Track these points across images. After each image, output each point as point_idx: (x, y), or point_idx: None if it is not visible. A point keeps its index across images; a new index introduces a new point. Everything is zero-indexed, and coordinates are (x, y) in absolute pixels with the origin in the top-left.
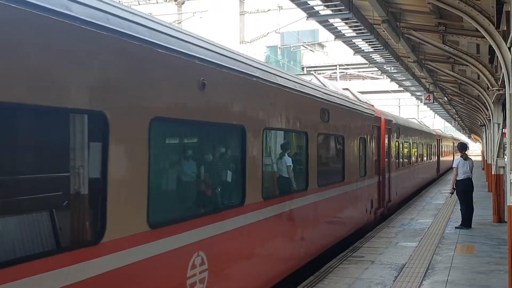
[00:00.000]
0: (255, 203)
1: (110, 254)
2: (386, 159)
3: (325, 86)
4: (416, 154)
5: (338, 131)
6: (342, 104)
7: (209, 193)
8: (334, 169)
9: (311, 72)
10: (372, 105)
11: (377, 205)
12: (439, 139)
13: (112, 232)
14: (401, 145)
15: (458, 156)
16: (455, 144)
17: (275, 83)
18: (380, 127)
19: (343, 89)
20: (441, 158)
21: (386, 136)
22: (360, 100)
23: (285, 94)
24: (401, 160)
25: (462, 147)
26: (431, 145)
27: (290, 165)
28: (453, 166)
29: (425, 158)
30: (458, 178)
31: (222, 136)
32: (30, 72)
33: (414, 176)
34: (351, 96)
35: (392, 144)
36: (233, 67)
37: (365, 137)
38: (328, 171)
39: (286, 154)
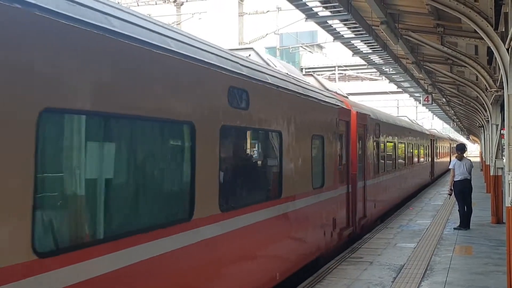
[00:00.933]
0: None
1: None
2: (360, 164)
3: (268, 64)
4: (404, 156)
5: (270, 125)
6: (276, 85)
7: None
8: (262, 181)
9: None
10: (346, 97)
11: (344, 224)
12: (434, 140)
13: None
14: (382, 145)
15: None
16: (452, 145)
17: (105, 29)
18: (350, 122)
19: (305, 75)
20: (436, 160)
21: (360, 134)
22: (328, 89)
23: (138, 54)
24: (382, 164)
25: (458, 148)
26: (423, 146)
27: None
28: (449, 167)
29: (416, 161)
30: (455, 179)
31: None
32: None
33: (401, 182)
34: (314, 83)
35: (369, 145)
36: None
37: (323, 134)
38: (247, 184)
39: (135, 160)
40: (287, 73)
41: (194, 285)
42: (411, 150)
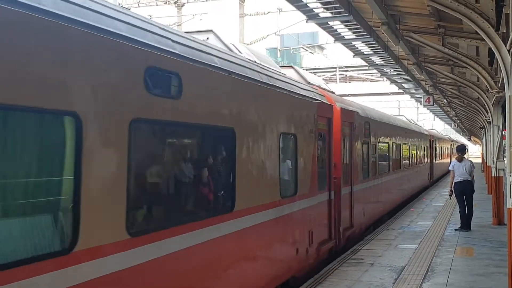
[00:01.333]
0: None
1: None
2: (346, 165)
3: (231, 50)
4: (399, 158)
5: (216, 119)
6: (228, 70)
7: None
8: (203, 192)
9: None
10: (332, 92)
11: (325, 236)
12: (433, 140)
13: None
14: (374, 146)
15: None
16: (453, 146)
17: None
18: (332, 119)
19: (283, 66)
20: (435, 162)
21: (346, 133)
22: (309, 82)
23: None
24: (373, 166)
25: (458, 149)
26: (422, 146)
27: None
28: (449, 168)
29: (413, 162)
30: (455, 180)
31: None
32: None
33: (396, 186)
34: (293, 76)
35: (357, 145)
36: None
37: (296, 133)
38: (180, 197)
39: None
40: (254, 61)
41: None
42: (408, 151)
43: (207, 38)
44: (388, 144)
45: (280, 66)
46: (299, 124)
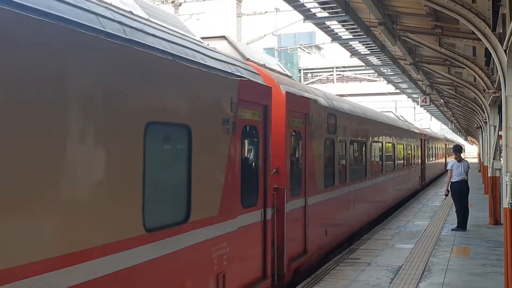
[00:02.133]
0: None
1: None
2: (297, 171)
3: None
4: (380, 159)
5: None
6: None
7: None
8: None
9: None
10: (289, 76)
11: (258, 273)
12: (425, 139)
13: None
14: (342, 145)
15: (452, 158)
16: (448, 146)
17: None
18: (269, 107)
19: (214, 37)
20: (427, 163)
21: (296, 127)
22: (247, 58)
23: None
24: (341, 171)
25: (456, 149)
26: (411, 146)
27: None
28: (447, 168)
29: (400, 164)
30: (452, 180)
31: None
32: None
33: (376, 193)
34: (225, 49)
35: (316, 144)
36: None
37: (192, 123)
38: None
39: None
40: (130, 12)
41: None
42: (393, 152)
43: None
44: (365, 143)
45: (210, 37)
46: (197, 110)
